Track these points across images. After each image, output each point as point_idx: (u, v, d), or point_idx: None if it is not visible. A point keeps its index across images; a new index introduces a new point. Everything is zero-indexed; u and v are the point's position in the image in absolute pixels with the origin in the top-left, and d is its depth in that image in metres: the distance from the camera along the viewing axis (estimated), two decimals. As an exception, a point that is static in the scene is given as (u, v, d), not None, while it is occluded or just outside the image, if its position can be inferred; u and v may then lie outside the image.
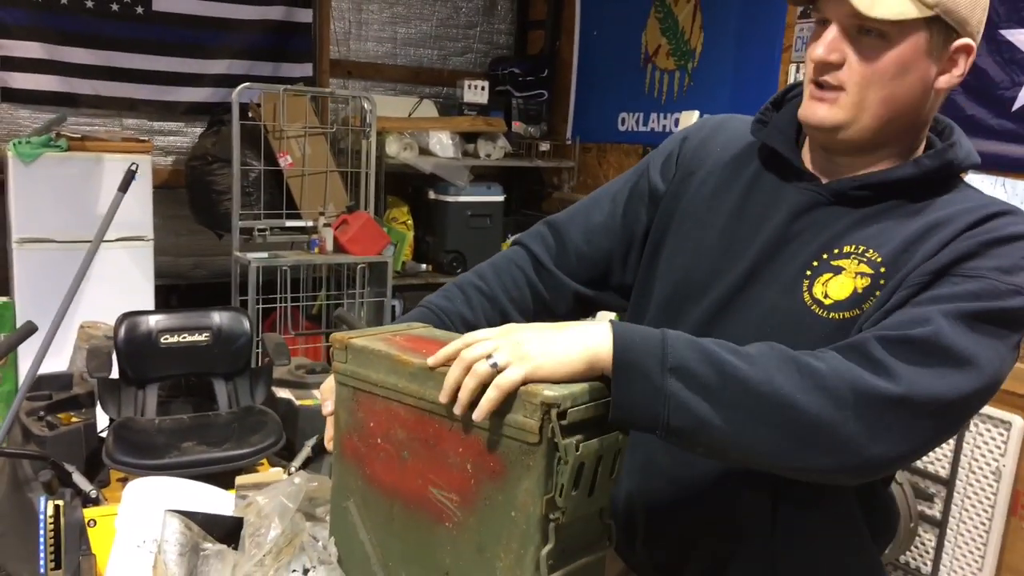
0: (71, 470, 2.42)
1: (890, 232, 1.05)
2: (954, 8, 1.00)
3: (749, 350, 0.93)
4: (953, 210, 1.03)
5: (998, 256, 0.98)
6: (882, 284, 1.02)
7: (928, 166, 1.06)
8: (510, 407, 0.89)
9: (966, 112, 3.06)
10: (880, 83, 1.02)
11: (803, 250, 1.09)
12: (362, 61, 4.96)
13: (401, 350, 1.01)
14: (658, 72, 4.53)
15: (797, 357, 0.92)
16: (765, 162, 1.17)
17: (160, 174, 4.31)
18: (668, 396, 0.90)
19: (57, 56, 4.11)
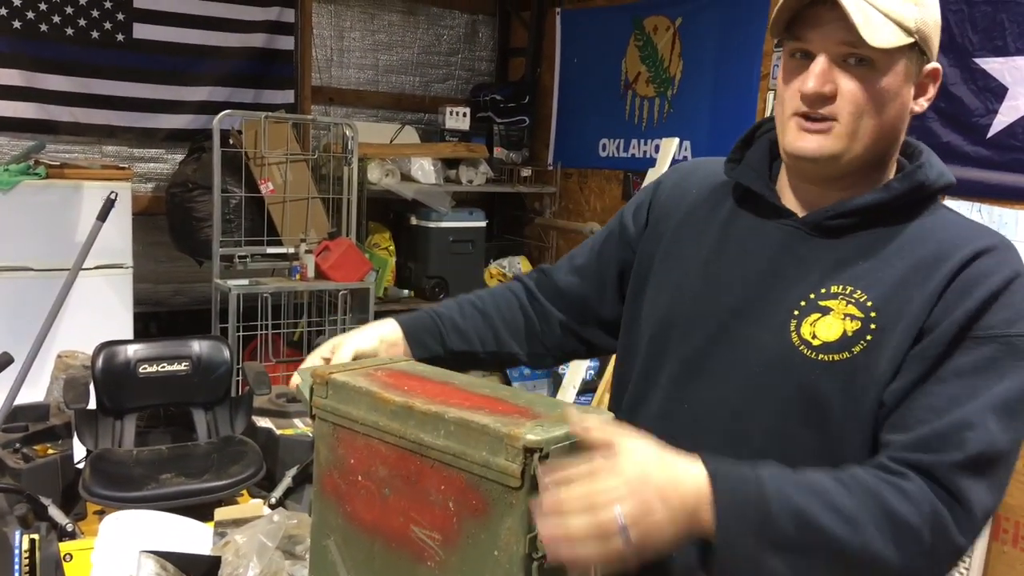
0: (47, 503, 2.38)
1: (877, 272, 1.04)
2: (928, 34, 1.03)
3: (848, 503, 0.91)
4: (936, 245, 1.04)
5: (1002, 308, 0.99)
6: (873, 328, 1.02)
7: (898, 189, 1.07)
8: (493, 450, 0.88)
9: (942, 139, 3.10)
10: (872, 112, 1.03)
11: (790, 289, 1.08)
12: (344, 88, 4.98)
13: (383, 387, 1.00)
14: (638, 99, 4.57)
15: (893, 508, 0.91)
16: (740, 200, 1.17)
17: (140, 201, 4.29)
18: (767, 571, 0.89)
19: (36, 83, 4.09)
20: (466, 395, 0.99)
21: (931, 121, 3.13)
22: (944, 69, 3.09)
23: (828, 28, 1.01)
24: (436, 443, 0.93)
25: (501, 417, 0.91)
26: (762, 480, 0.90)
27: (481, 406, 0.94)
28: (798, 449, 1.06)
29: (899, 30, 1.00)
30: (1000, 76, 2.95)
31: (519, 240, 5.34)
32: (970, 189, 3.03)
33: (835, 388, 1.02)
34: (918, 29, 1.01)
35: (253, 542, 1.06)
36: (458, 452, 0.91)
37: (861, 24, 0.98)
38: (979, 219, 3.01)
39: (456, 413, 0.92)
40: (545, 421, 0.90)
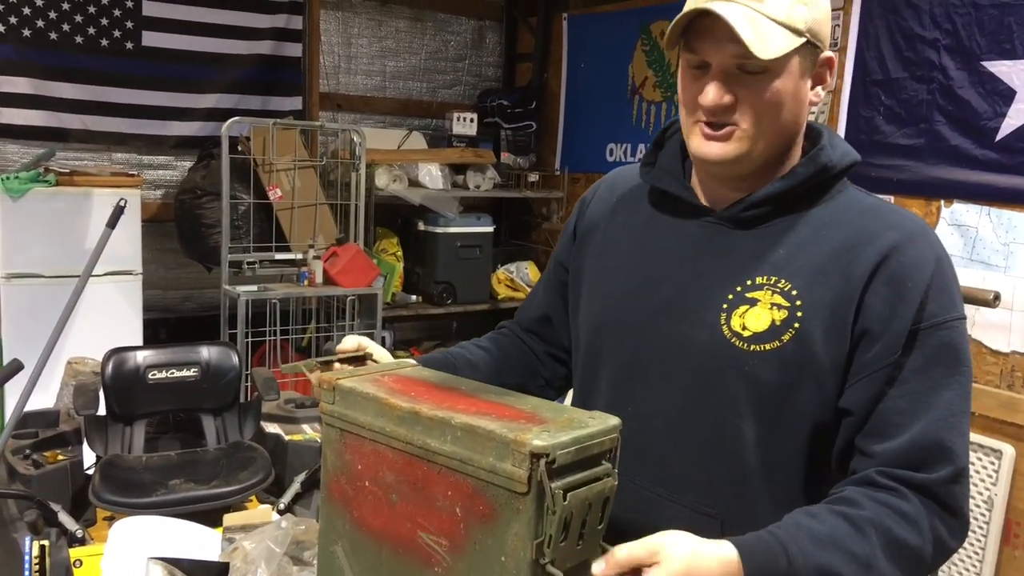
0: (57, 509, 2.40)
1: (797, 259, 1.09)
2: (817, 29, 1.07)
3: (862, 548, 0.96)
4: (852, 230, 1.08)
5: (937, 296, 1.05)
6: (800, 316, 1.06)
7: (803, 174, 1.10)
8: (500, 455, 0.88)
9: (950, 142, 3.10)
10: (771, 114, 1.07)
11: (715, 283, 1.12)
12: (351, 94, 4.99)
13: (389, 393, 1.01)
14: (645, 103, 4.57)
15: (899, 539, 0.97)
16: (657, 203, 1.22)
17: (149, 208, 4.31)
18: None
19: (46, 91, 4.11)
20: (473, 400, 0.99)
21: (939, 124, 3.13)
22: (951, 72, 3.12)
23: (721, 41, 1.03)
24: (443, 449, 0.93)
25: (508, 422, 0.91)
26: (786, 546, 0.93)
27: (488, 411, 0.95)
28: (742, 441, 1.09)
29: (790, 33, 1.03)
30: (1008, 79, 2.94)
31: (527, 245, 5.35)
32: (978, 192, 3.02)
33: (771, 377, 1.06)
34: (809, 28, 1.05)
35: (261, 548, 1.07)
36: (465, 458, 0.91)
37: (751, 40, 1.01)
38: (988, 223, 3.00)
39: (462, 419, 0.92)
40: (551, 426, 0.90)
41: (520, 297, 4.98)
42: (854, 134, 3.43)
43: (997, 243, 2.98)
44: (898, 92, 3.27)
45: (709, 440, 1.11)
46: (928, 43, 3.16)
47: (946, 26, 3.10)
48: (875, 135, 3.35)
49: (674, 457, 1.14)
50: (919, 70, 3.19)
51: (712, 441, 1.11)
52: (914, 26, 3.20)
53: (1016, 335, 2.94)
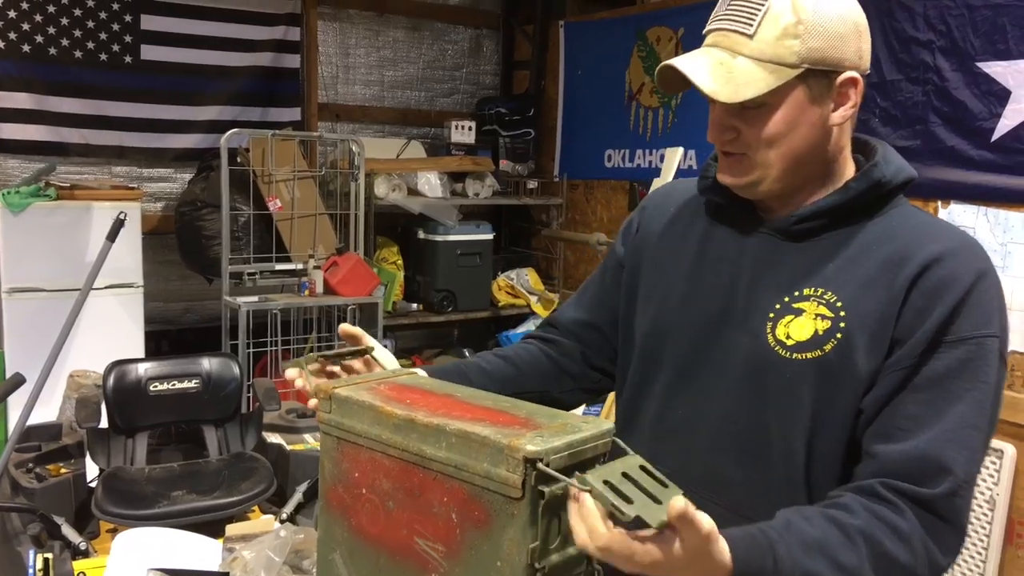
0: (60, 522, 2.40)
1: (845, 273, 1.10)
2: (821, 57, 1.06)
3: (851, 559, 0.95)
4: (899, 244, 1.09)
5: (971, 311, 1.04)
6: (842, 327, 1.07)
7: (856, 189, 1.11)
8: (494, 461, 0.89)
9: (946, 143, 3.10)
10: (775, 143, 1.09)
11: (765, 293, 1.14)
12: (350, 104, 5.01)
13: (385, 401, 1.01)
14: (642, 109, 4.58)
15: (890, 554, 0.96)
16: (715, 214, 1.24)
17: (150, 220, 4.32)
18: None
19: (46, 106, 4.13)
20: (468, 407, 1.00)
21: (935, 126, 3.14)
22: (946, 73, 3.12)
23: None
24: (438, 455, 0.94)
25: (502, 428, 0.92)
26: (774, 547, 0.93)
27: (482, 418, 0.95)
28: (782, 447, 1.11)
29: (777, 68, 1.05)
30: (1003, 80, 2.95)
31: (527, 252, 5.36)
32: (975, 193, 3.03)
33: (810, 384, 1.08)
34: (805, 58, 1.05)
35: (261, 557, 1.07)
36: (460, 464, 0.92)
37: (716, 90, 1.05)
38: (985, 223, 3.01)
39: (457, 425, 0.93)
40: (545, 431, 0.91)
41: (520, 304, 4.99)
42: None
43: (995, 243, 2.98)
44: (893, 94, 3.28)
45: (749, 445, 1.13)
46: (922, 45, 3.17)
47: (940, 27, 3.11)
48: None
49: (717, 460, 1.16)
50: (914, 72, 3.20)
51: (752, 446, 1.13)
52: (908, 28, 3.21)
53: (1016, 335, 2.94)
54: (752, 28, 1.06)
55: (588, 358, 1.38)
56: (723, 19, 1.09)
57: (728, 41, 1.08)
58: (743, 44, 1.06)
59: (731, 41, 1.07)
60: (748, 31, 1.06)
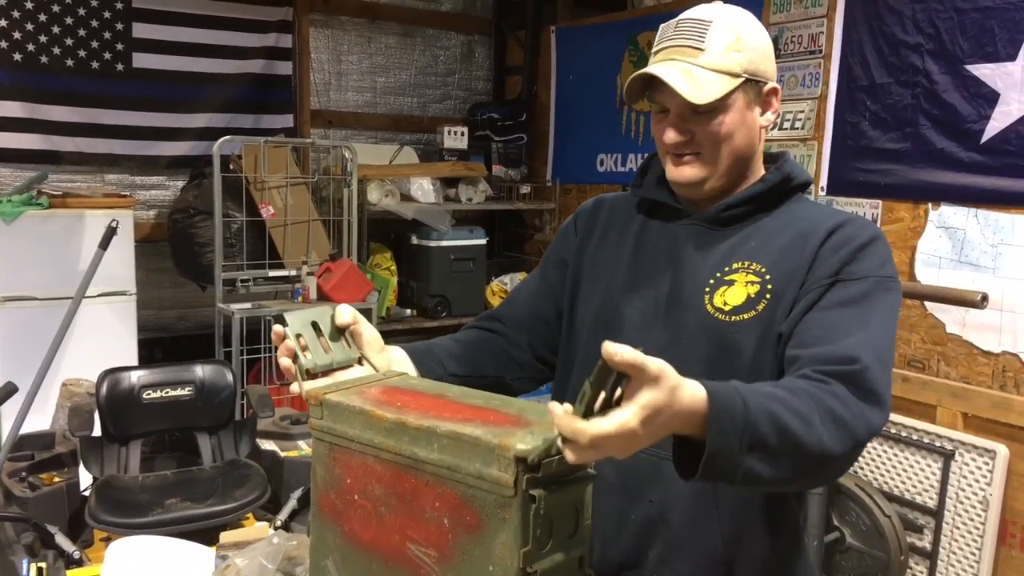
0: (53, 531, 2.40)
1: (766, 247, 1.29)
2: (755, 68, 1.28)
3: (802, 406, 1.03)
4: (808, 222, 1.29)
5: (869, 257, 1.24)
6: (770, 288, 1.25)
7: (772, 180, 1.34)
8: (486, 461, 0.89)
9: (936, 145, 3.12)
10: (724, 142, 1.29)
11: (699, 272, 1.32)
12: (343, 111, 5.02)
13: (376, 405, 1.02)
14: (634, 114, 4.59)
15: (833, 409, 1.06)
16: (648, 212, 1.42)
17: (143, 228, 4.32)
18: (744, 469, 0.98)
19: (38, 114, 4.13)
20: (459, 407, 1.01)
21: (924, 128, 3.15)
22: (935, 76, 3.15)
23: (670, 92, 1.25)
24: (430, 457, 0.94)
25: (493, 428, 0.92)
26: (739, 391, 0.99)
27: (473, 418, 0.96)
28: None
29: (726, 77, 1.25)
30: (992, 82, 2.97)
31: (520, 257, 5.37)
32: (965, 195, 3.04)
33: (749, 342, 1.24)
34: (745, 69, 1.27)
35: (254, 565, 1.07)
36: (452, 465, 0.92)
37: (688, 93, 1.23)
38: (975, 225, 3.02)
39: (448, 426, 0.93)
40: (536, 429, 0.91)
41: (514, 309, 4.98)
42: (840, 140, 3.45)
43: (985, 244, 3.00)
44: (883, 97, 3.29)
45: None
46: (911, 48, 3.19)
47: (929, 31, 3.13)
48: (861, 140, 3.37)
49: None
50: (903, 75, 3.22)
51: None
52: (897, 31, 3.23)
53: (1007, 335, 2.95)
54: (704, 43, 1.25)
55: (535, 349, 1.48)
56: (675, 37, 1.28)
57: (685, 55, 1.26)
58: (698, 56, 1.25)
59: (687, 54, 1.26)
60: (701, 45, 1.25)
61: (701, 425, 0.93)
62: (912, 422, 3.12)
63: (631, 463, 1.26)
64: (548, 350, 1.49)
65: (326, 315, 1.20)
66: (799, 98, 3.62)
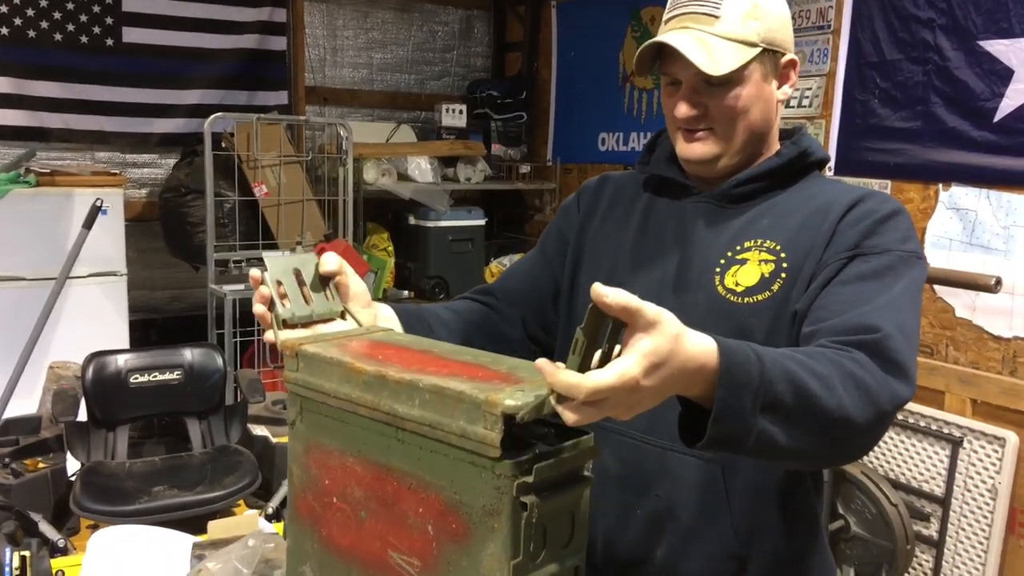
0: (37, 519, 2.34)
1: (780, 224, 1.21)
2: (773, 37, 1.21)
3: (821, 368, 0.94)
4: (826, 197, 1.21)
5: (891, 231, 1.16)
6: (785, 267, 1.17)
7: (787, 155, 1.26)
8: (471, 418, 0.81)
9: (947, 124, 3.03)
10: (740, 117, 1.21)
11: (709, 252, 1.23)
12: (338, 88, 4.91)
13: (355, 357, 0.93)
14: (636, 91, 4.50)
15: (855, 373, 0.96)
16: (655, 190, 1.35)
17: (134, 207, 4.24)
18: (756, 433, 0.89)
19: (25, 90, 4.04)
20: (444, 362, 0.92)
21: (936, 106, 3.06)
22: (947, 52, 3.05)
23: (683, 62, 1.17)
24: (411, 414, 0.86)
25: (480, 383, 0.83)
26: (753, 347, 0.91)
27: (459, 373, 0.87)
28: None
29: (743, 47, 1.18)
30: (1006, 59, 2.87)
31: (520, 238, 5.28)
32: (977, 175, 2.96)
33: (762, 324, 1.16)
34: (763, 38, 1.19)
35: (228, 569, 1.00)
36: (434, 422, 0.84)
37: (703, 63, 1.15)
38: (987, 206, 2.94)
39: (431, 381, 0.85)
40: (527, 386, 0.82)
41: (513, 290, 4.91)
42: (849, 118, 3.36)
43: (997, 226, 2.91)
44: (893, 74, 3.20)
45: None
46: (923, 23, 3.09)
47: (941, 5, 3.03)
48: (871, 118, 3.28)
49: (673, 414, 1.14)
50: (914, 51, 3.12)
51: None
52: (908, 6, 3.13)
53: (1018, 320, 2.87)
54: (720, 10, 1.18)
55: (527, 326, 1.41)
56: (689, 4, 1.20)
57: (699, 22, 1.18)
58: (713, 24, 1.17)
59: (702, 22, 1.18)
60: (717, 12, 1.18)
61: (710, 382, 0.85)
62: (920, 408, 3.05)
63: (635, 455, 1.21)
64: (540, 329, 1.41)
65: (310, 263, 1.10)
66: (807, 75, 3.52)
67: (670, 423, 1.19)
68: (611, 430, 1.22)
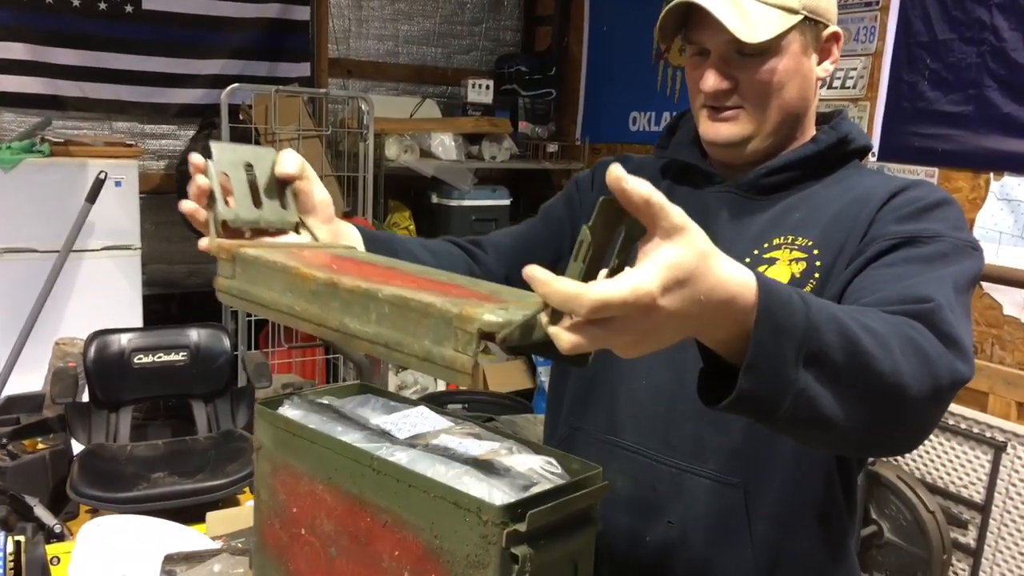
0: (32, 503, 2.25)
1: (812, 218, 1.08)
2: (815, 6, 1.07)
3: (876, 325, 0.78)
4: (864, 188, 1.08)
5: (941, 219, 1.01)
6: (818, 265, 1.04)
7: (825, 141, 1.12)
8: (439, 337, 0.66)
9: (1002, 110, 2.85)
10: (775, 93, 1.07)
11: (732, 249, 0.98)
12: (362, 60, 4.77)
13: (303, 263, 0.79)
14: (670, 69, 4.33)
15: (914, 338, 0.81)
16: (675, 177, 1.21)
17: (151, 179, 4.15)
18: (797, 391, 0.71)
19: (43, 57, 3.94)
20: (412, 278, 0.78)
21: (989, 90, 2.88)
22: (1004, 33, 2.84)
23: (715, 28, 1.03)
24: (364, 331, 0.71)
25: (453, 298, 0.68)
26: (800, 291, 0.73)
27: (429, 288, 0.73)
28: None
29: (783, 13, 1.04)
30: (1068, 40, 2.69)
31: (546, 218, 5.14)
32: (1034, 165, 2.78)
33: None
34: (804, 5, 1.06)
35: (189, 596, 0.89)
36: (392, 341, 0.69)
37: (737, 28, 1.01)
38: (1043, 198, 2.76)
39: (392, 291, 0.70)
40: (512, 305, 0.67)
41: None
42: (896, 101, 3.18)
43: (1052, 220, 2.74)
44: (945, 55, 3.01)
45: None
46: (978, 1, 2.90)
47: (1000, -19, 2.84)
48: (919, 102, 3.10)
49: (693, 427, 1.08)
50: (968, 31, 2.93)
51: None
52: (964, -18, 2.95)
53: (1071, 321, 2.70)
54: None
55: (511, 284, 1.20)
56: None
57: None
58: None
59: None
60: None
61: (740, 322, 0.67)
62: (961, 410, 2.89)
63: (647, 475, 1.07)
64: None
65: (266, 159, 0.93)
66: (852, 54, 3.33)
67: (689, 438, 1.07)
68: (621, 446, 1.09)
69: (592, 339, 0.59)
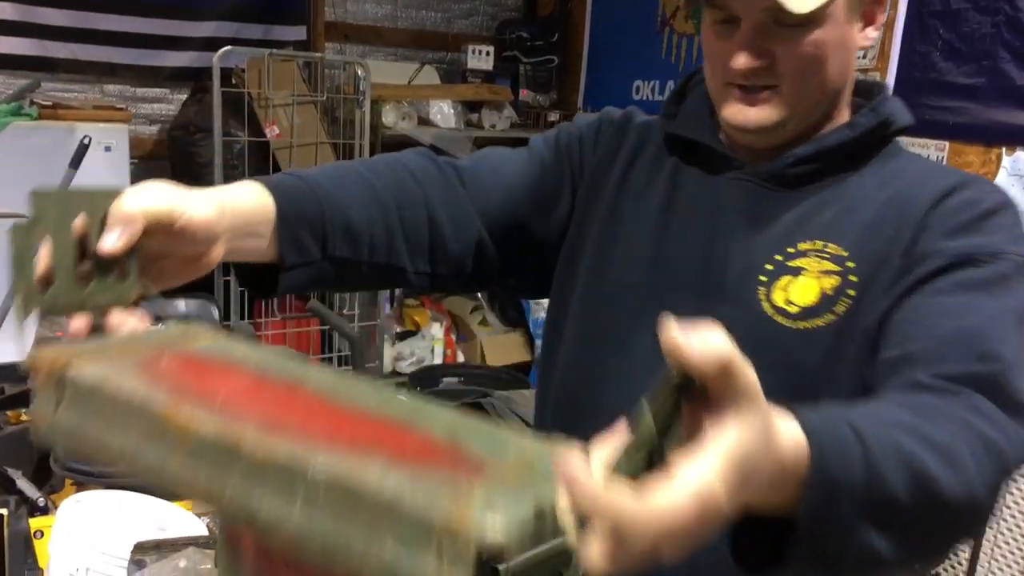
0: (15, 476, 2.22)
1: (846, 219, 0.94)
2: None
3: (942, 435, 0.66)
4: (906, 183, 0.95)
5: (1000, 230, 0.89)
6: (854, 280, 0.90)
7: (864, 125, 0.98)
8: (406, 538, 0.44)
9: (1016, 82, 2.79)
10: (816, 69, 0.93)
11: (751, 251, 0.95)
12: (360, 23, 4.67)
13: (172, 390, 0.54)
14: (675, 36, 4.24)
15: (984, 433, 0.69)
16: (683, 156, 1.05)
17: (144, 144, 4.07)
18: (854, 551, 0.61)
19: (31, 17, 3.84)
20: (336, 413, 0.54)
21: (1004, 61, 2.81)
22: (1020, 2, 2.76)
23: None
24: (287, 525, 0.47)
25: (420, 469, 0.47)
26: (853, 424, 0.62)
27: (375, 440, 0.51)
28: None
29: None
30: (1088, 10, 2.61)
31: (546, 188, 5.08)
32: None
33: (817, 356, 0.90)
34: None
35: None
36: (332, 542, 0.46)
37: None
38: (1057, 174, 2.70)
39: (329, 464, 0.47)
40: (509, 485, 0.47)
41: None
42: (907, 72, 3.11)
43: (1066, 197, 2.68)
44: (958, 25, 2.93)
45: None
46: (995, -31, 2.83)
47: (1018, -51, 2.77)
48: (930, 73, 3.02)
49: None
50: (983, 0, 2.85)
51: None
52: (981, -52, 2.87)
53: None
54: None
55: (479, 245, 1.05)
56: None
57: None
58: None
59: None
60: None
61: (791, 480, 0.56)
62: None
63: None
64: (486, 259, 1.05)
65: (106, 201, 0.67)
66: (862, 23, 3.26)
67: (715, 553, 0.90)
68: None
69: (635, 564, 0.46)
